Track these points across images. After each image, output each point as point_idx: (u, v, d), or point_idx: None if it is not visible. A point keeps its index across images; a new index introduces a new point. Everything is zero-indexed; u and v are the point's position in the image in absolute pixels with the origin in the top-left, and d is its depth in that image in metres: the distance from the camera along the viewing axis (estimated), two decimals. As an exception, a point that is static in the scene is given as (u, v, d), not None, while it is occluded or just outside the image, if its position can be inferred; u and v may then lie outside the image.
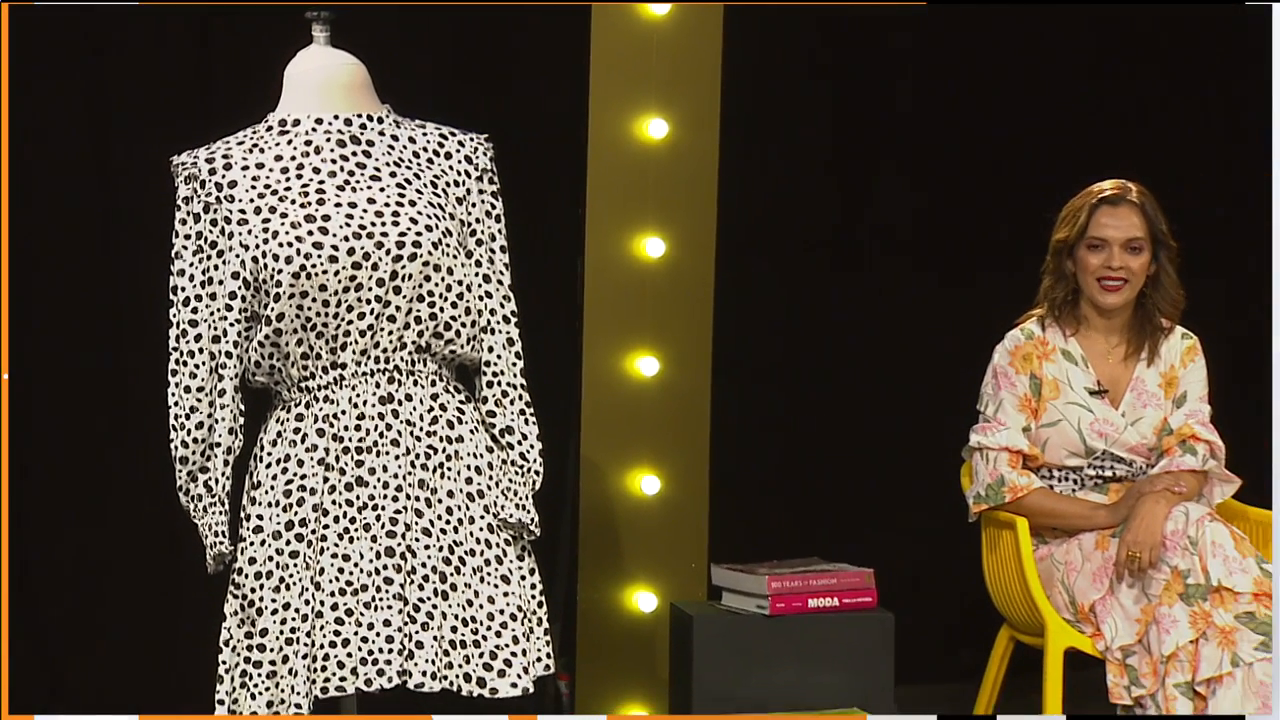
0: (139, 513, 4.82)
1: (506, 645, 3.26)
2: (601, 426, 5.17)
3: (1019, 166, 5.62)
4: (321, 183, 3.26)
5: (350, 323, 3.24)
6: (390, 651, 3.22)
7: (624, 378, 5.17)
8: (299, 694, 3.21)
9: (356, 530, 3.24)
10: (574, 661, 5.25)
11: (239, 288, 3.25)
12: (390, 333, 3.25)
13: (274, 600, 3.23)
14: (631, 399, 5.16)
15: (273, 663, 3.22)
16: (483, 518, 3.28)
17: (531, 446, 3.41)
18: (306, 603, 3.22)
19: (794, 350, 5.72)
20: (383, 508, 3.24)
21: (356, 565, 3.23)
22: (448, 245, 3.27)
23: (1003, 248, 4.94)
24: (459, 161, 3.35)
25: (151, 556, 4.96)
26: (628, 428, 5.16)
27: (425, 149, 3.33)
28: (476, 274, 3.33)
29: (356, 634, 3.22)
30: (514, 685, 3.26)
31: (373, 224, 3.24)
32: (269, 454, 3.28)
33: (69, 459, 5.12)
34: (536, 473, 3.41)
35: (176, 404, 3.31)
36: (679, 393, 5.17)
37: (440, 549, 3.25)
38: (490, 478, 3.31)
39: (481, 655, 3.25)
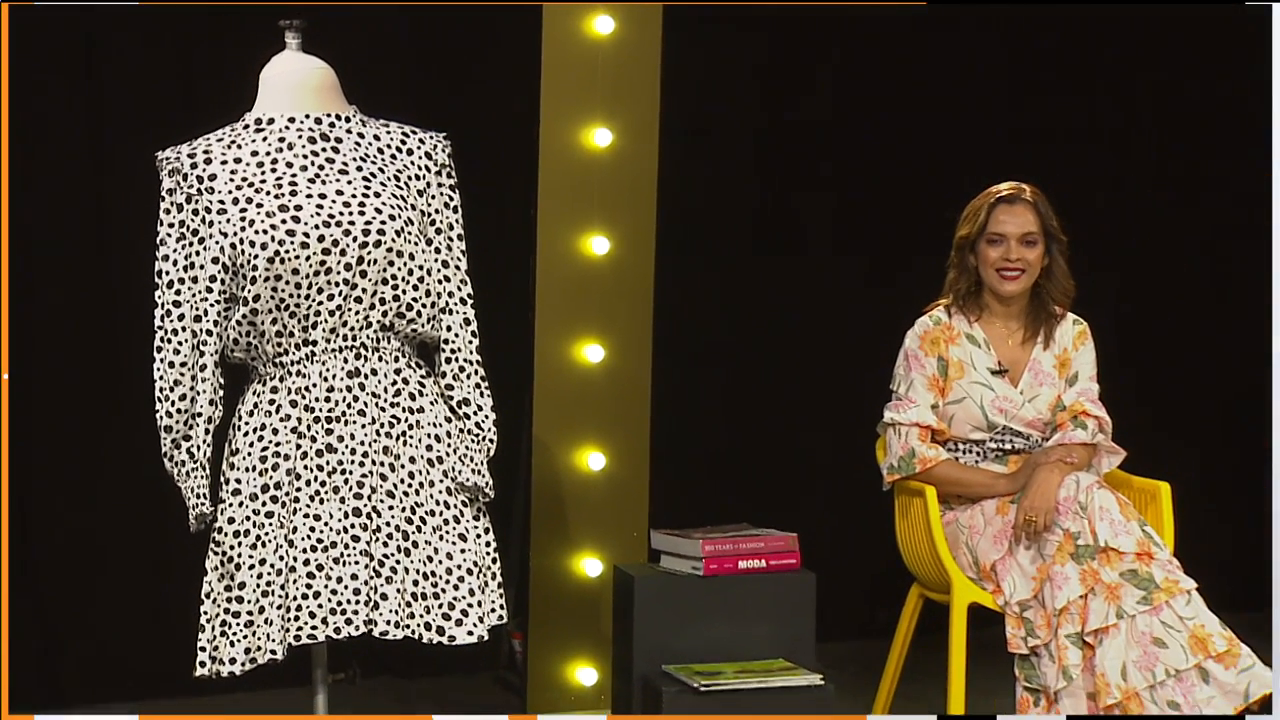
0: (133, 490, 4.79)
1: (463, 597, 3.26)
2: (552, 408, 5.16)
3: (928, 168, 5.65)
4: (294, 176, 3.25)
5: (320, 303, 3.23)
6: (357, 603, 3.21)
7: (572, 364, 5.16)
8: (274, 641, 3.20)
9: (326, 493, 3.23)
10: (527, 621, 5.24)
11: (218, 271, 3.24)
12: (357, 313, 3.24)
13: (251, 556, 3.22)
14: (579, 383, 5.16)
15: (250, 613, 3.22)
16: (441, 481, 3.28)
17: (486, 417, 3.41)
18: (281, 559, 3.22)
19: (727, 337, 5.74)
20: (350, 472, 3.23)
21: (326, 524, 3.22)
22: (409, 233, 3.26)
23: (913, 243, 4.95)
24: (420, 157, 3.34)
25: (143, 529, 4.94)
26: (576, 409, 5.16)
27: (389, 146, 3.32)
28: (436, 260, 3.32)
29: (326, 587, 3.21)
30: (470, 633, 3.26)
31: (341, 214, 3.23)
32: (246, 423, 3.27)
33: (66, 438, 5.09)
34: (491, 440, 3.41)
35: (161, 378, 3.30)
36: (622, 377, 5.16)
37: (403, 510, 3.25)
38: (448, 445, 3.30)
39: (440, 606, 3.25)
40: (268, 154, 3.28)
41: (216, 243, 3.24)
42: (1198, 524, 4.28)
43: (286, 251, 3.21)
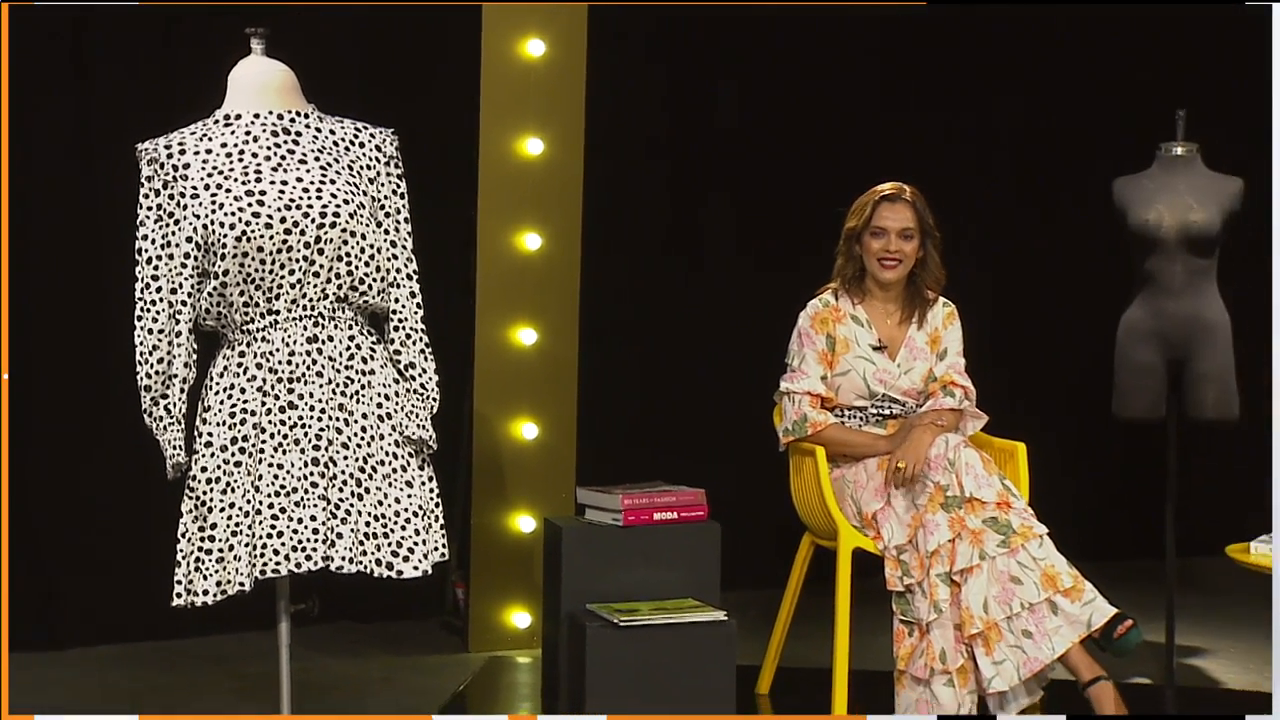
0: (118, 446, 4.76)
1: (410, 537, 3.24)
2: (490, 385, 5.15)
3: (816, 170, 5.68)
4: (259, 165, 3.23)
5: (283, 278, 3.21)
6: (316, 541, 3.19)
7: (508, 345, 5.15)
8: (242, 575, 3.18)
9: (288, 444, 3.21)
10: (469, 572, 5.23)
11: (192, 249, 3.21)
12: (315, 286, 3.22)
13: (222, 500, 3.19)
14: (514, 362, 5.15)
15: (221, 551, 3.19)
16: (390, 435, 3.26)
17: (430, 379, 3.39)
18: (248, 502, 3.19)
19: (643, 321, 5.75)
20: (309, 426, 3.22)
21: (288, 472, 3.20)
22: (362, 216, 3.24)
23: (804, 235, 4.97)
24: (371, 150, 3.32)
25: (128, 482, 4.91)
26: (511, 385, 5.15)
27: (343, 139, 3.31)
28: (385, 240, 3.31)
29: (289, 527, 3.19)
30: (416, 568, 3.24)
31: (301, 198, 3.21)
32: (217, 383, 3.25)
33: (59, 401, 5.06)
34: (434, 399, 3.39)
35: (141, 343, 3.27)
36: (552, 357, 5.16)
37: (356, 460, 3.23)
38: (397, 403, 3.29)
39: (390, 545, 3.23)
40: (235, 146, 3.25)
41: (190, 224, 3.22)
42: (1048, 479, 4.31)
43: (252, 231, 3.19)
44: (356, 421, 3.27)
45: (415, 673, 5.00)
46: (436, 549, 3.30)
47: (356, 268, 3.29)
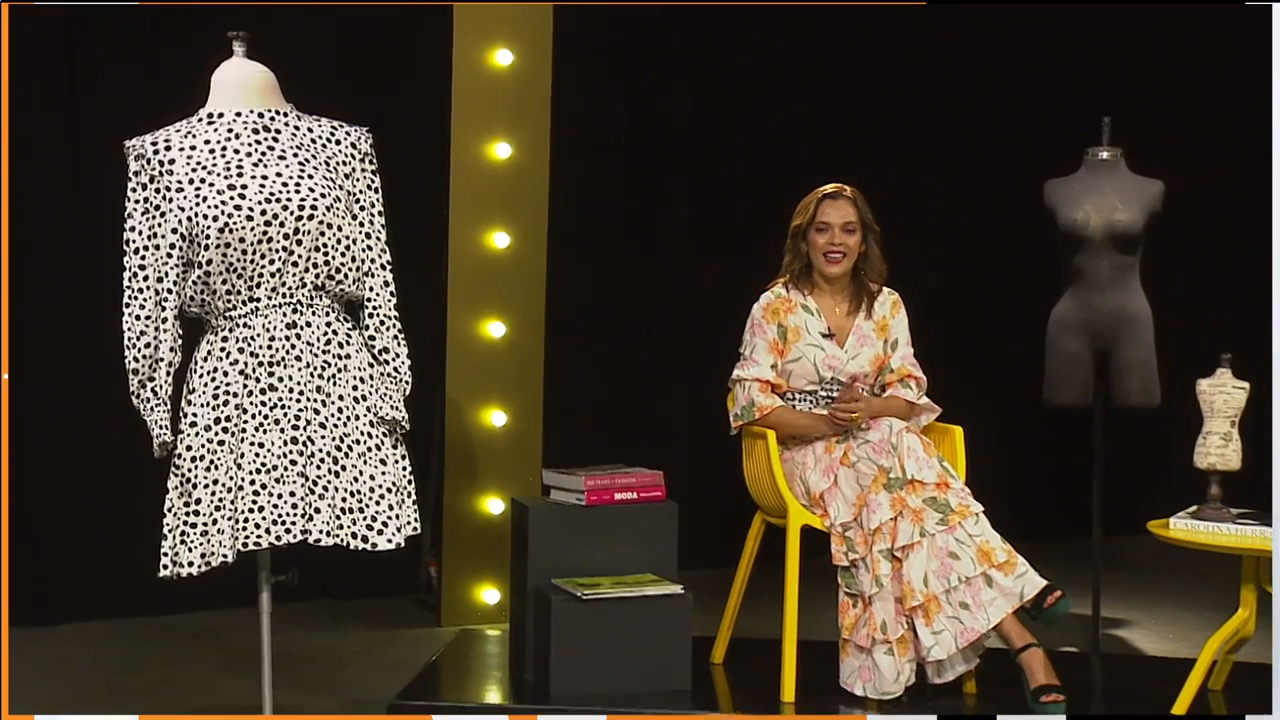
0: (110, 429, 4.73)
1: (384, 512, 3.23)
2: (461, 375, 5.15)
3: (762, 172, 5.70)
4: (240, 161, 3.22)
5: (263, 267, 3.19)
6: (295, 516, 3.18)
7: (478, 338, 5.15)
8: (225, 547, 3.17)
9: (269, 424, 3.19)
10: (441, 551, 5.22)
11: (177, 240, 3.19)
12: (294, 275, 3.21)
13: (206, 477, 3.18)
14: (484, 354, 5.15)
15: (205, 525, 3.17)
16: (366, 415, 3.25)
17: (404, 363, 3.37)
18: (230, 479, 3.18)
19: (606, 315, 5.76)
20: (289, 407, 3.20)
21: (269, 451, 3.19)
22: (338, 209, 3.23)
23: (753, 231, 4.98)
24: (346, 147, 3.31)
25: (121, 466, 4.89)
26: (481, 375, 5.15)
27: (320, 137, 3.29)
28: (360, 232, 3.29)
29: (269, 503, 3.18)
30: (389, 541, 3.23)
31: (280, 192, 3.19)
32: (201, 367, 3.23)
33: (55, 388, 5.03)
34: (407, 382, 3.38)
35: (129, 329, 3.25)
36: (520, 349, 5.16)
37: (333, 439, 3.22)
38: (371, 386, 3.27)
39: (365, 519, 3.22)
40: (218, 142, 3.24)
41: (175, 216, 3.20)
42: (984, 462, 4.31)
43: (234, 223, 3.17)
44: (333, 403, 3.25)
45: (390, 646, 4.99)
46: (409, 523, 3.29)
47: (333, 258, 3.27)
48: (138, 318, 3.25)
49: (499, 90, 5.09)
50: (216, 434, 3.21)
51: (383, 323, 3.35)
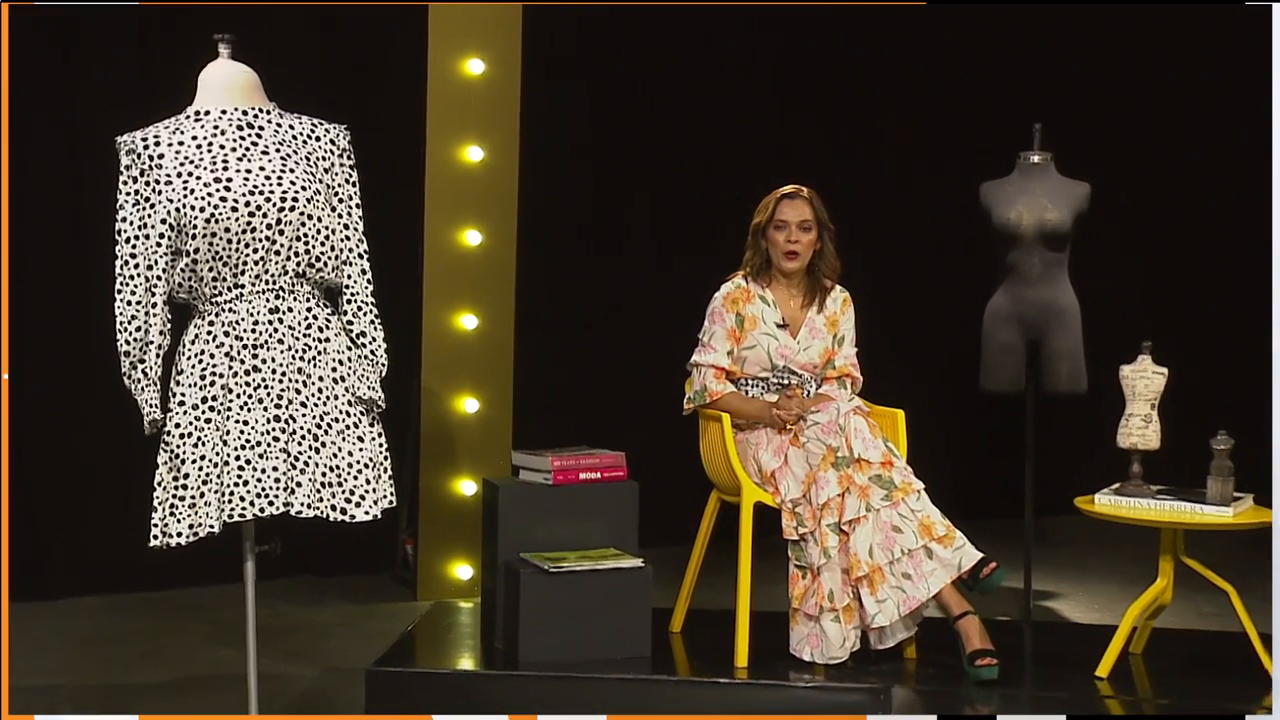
0: (105, 411, 4.70)
1: (361, 486, 3.21)
2: (437, 364, 5.14)
3: (724, 169, 5.71)
4: (225, 156, 3.19)
5: (247, 256, 3.17)
6: (278, 489, 3.16)
7: (452, 330, 5.14)
8: (211, 518, 3.14)
9: (252, 403, 3.17)
10: (417, 530, 5.21)
11: (166, 230, 3.17)
12: (276, 263, 3.19)
13: (194, 453, 3.15)
14: (458, 344, 5.14)
15: (193, 498, 3.15)
16: (344, 395, 3.22)
17: (379, 346, 3.35)
18: (217, 454, 3.15)
19: (572, 308, 5.75)
20: (271, 387, 3.18)
21: (253, 428, 3.17)
22: (318, 201, 3.21)
23: (711, 230, 5.00)
24: (326, 144, 3.29)
25: (116, 449, 4.85)
26: (455, 365, 5.14)
27: (301, 133, 3.27)
28: (339, 223, 3.27)
29: (254, 477, 3.16)
30: (366, 513, 3.21)
31: (263, 185, 3.17)
32: (189, 349, 3.21)
33: (52, 372, 5.01)
34: (382, 364, 3.36)
35: (121, 314, 3.21)
36: (492, 340, 5.16)
37: (314, 417, 3.20)
38: (349, 368, 3.25)
39: (344, 492, 3.20)
40: (205, 138, 3.22)
41: (164, 207, 3.18)
42: (924, 443, 4.32)
43: (220, 214, 3.15)
44: (314, 383, 3.23)
45: (369, 619, 4.98)
46: (385, 497, 3.27)
47: (313, 247, 3.25)
48: (129, 303, 3.23)
49: (471, 97, 5.09)
50: (203, 412, 3.19)
51: (360, 308, 3.33)
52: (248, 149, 3.23)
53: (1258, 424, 5.30)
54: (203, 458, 3.17)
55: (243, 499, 3.16)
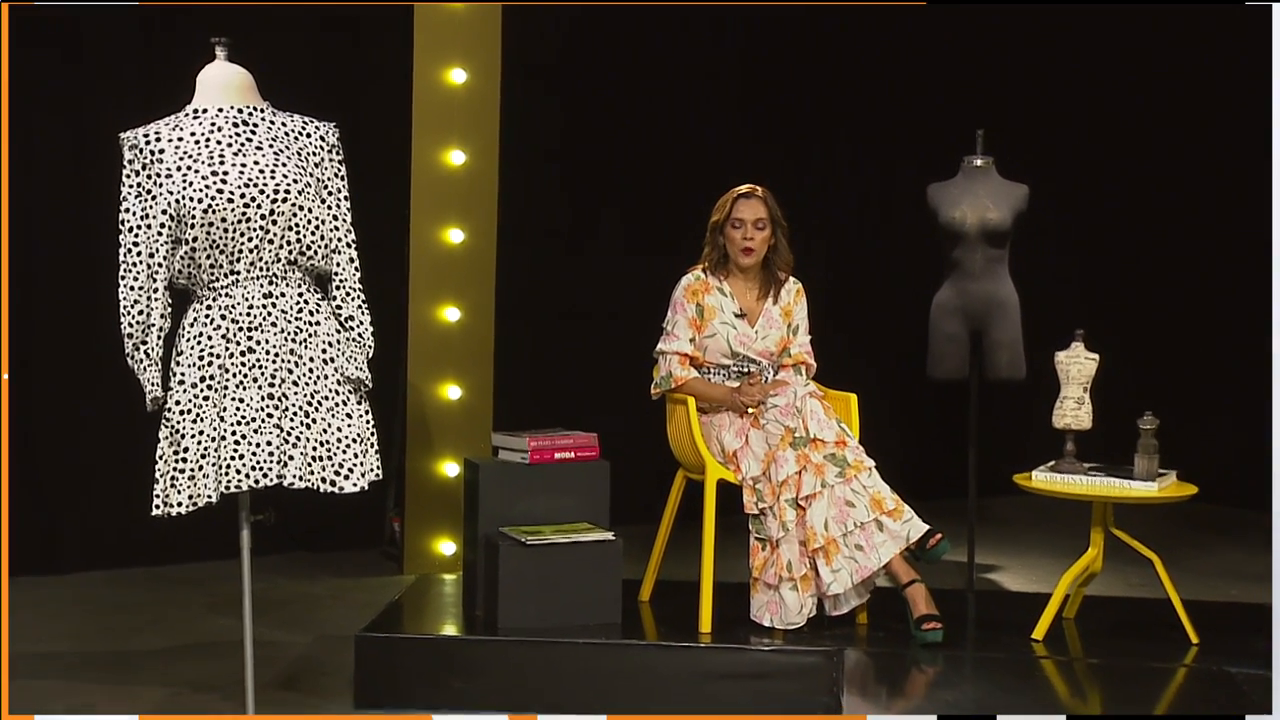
0: (110, 391, 4.68)
1: (350, 459, 3.20)
2: (421, 355, 5.13)
3: (685, 172, 5.72)
4: (222, 151, 3.18)
5: (242, 244, 3.16)
6: (272, 462, 3.15)
7: (436, 322, 5.14)
8: (210, 490, 3.13)
9: (248, 382, 3.15)
10: (404, 510, 5.20)
11: (166, 220, 3.15)
12: (269, 251, 3.17)
13: (193, 428, 3.14)
14: (441, 336, 5.13)
15: (192, 470, 3.13)
16: (333, 375, 3.21)
17: (366, 329, 3.34)
18: (215, 430, 3.14)
19: (548, 301, 5.75)
20: (265, 367, 3.16)
21: (248, 405, 3.15)
22: (308, 193, 3.20)
23: (674, 228, 5.00)
24: (316, 140, 3.28)
25: (121, 432, 4.83)
26: (439, 355, 5.13)
27: (292, 130, 3.26)
28: (328, 214, 3.26)
29: (249, 450, 3.14)
30: (355, 485, 3.19)
31: (257, 178, 3.16)
32: (188, 331, 3.19)
33: (60, 354, 4.98)
34: (370, 346, 3.34)
35: (124, 298, 3.20)
36: (473, 332, 5.15)
37: (305, 395, 3.18)
38: (338, 349, 3.24)
39: (333, 465, 3.19)
40: (203, 134, 3.21)
41: (165, 199, 3.16)
42: (875, 426, 4.33)
43: (216, 205, 3.14)
44: (305, 363, 3.22)
45: (358, 591, 4.97)
46: (372, 470, 3.26)
47: (304, 236, 3.24)
48: (131, 288, 3.21)
49: (454, 105, 5.08)
50: (202, 390, 3.17)
51: (348, 294, 3.32)
52: (243, 144, 3.22)
53: (1182, 405, 5.36)
54: (201, 433, 3.15)
55: (239, 471, 3.15)
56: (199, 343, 3.19)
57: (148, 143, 3.20)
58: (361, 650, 3.90)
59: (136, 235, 3.20)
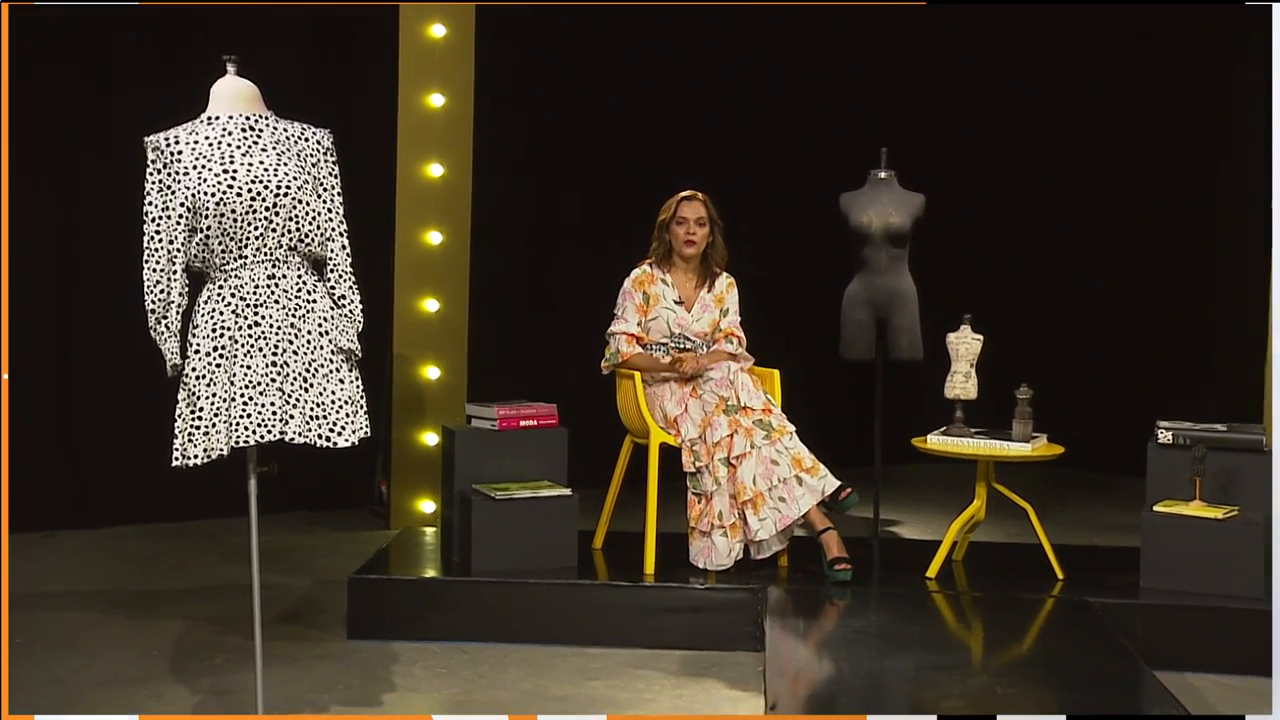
0: (132, 359, 4.65)
1: (343, 419, 3.19)
2: (405, 341, 5.14)
3: (636, 181, 5.74)
4: (232, 153, 3.18)
5: (249, 232, 3.16)
6: (275, 421, 3.15)
7: (418, 313, 5.15)
8: (221, 443, 3.13)
9: (254, 351, 3.15)
10: (390, 474, 5.21)
11: (184, 212, 3.15)
12: (273, 239, 3.18)
13: (207, 391, 3.13)
14: (422, 325, 5.15)
15: (206, 427, 3.13)
16: (328, 346, 3.20)
17: (357, 307, 3.32)
18: (226, 392, 3.13)
19: (516, 294, 5.77)
20: (269, 338, 3.16)
21: (254, 371, 3.15)
22: (306, 189, 3.20)
23: (626, 226, 5.04)
24: (313, 144, 3.28)
25: (150, 400, 4.80)
26: (421, 341, 5.14)
27: (293, 135, 3.26)
28: (323, 207, 3.26)
29: (255, 410, 3.14)
30: (347, 441, 3.19)
31: (263, 176, 3.16)
32: (203, 307, 3.17)
33: (93, 325, 4.97)
34: (359, 321, 3.33)
35: (147, 279, 3.18)
36: (450, 321, 5.17)
37: (303, 363, 3.17)
38: (332, 324, 3.23)
39: (329, 424, 3.19)
40: (215, 138, 3.20)
41: (182, 193, 3.15)
42: (794, 401, 4.38)
43: (227, 199, 3.14)
44: (303, 336, 3.21)
45: (351, 543, 4.98)
46: (362, 429, 3.27)
47: (303, 226, 3.25)
48: (154, 270, 3.21)
49: (433, 124, 5.11)
50: (214, 358, 3.17)
51: (340, 276, 3.32)
52: (250, 147, 3.23)
53: (1052, 377, 5.46)
54: (214, 395, 3.15)
55: (246, 428, 3.15)
56: (212, 317, 3.20)
57: (168, 145, 3.21)
58: (353, 590, 3.93)
59: (158, 224, 3.20)
